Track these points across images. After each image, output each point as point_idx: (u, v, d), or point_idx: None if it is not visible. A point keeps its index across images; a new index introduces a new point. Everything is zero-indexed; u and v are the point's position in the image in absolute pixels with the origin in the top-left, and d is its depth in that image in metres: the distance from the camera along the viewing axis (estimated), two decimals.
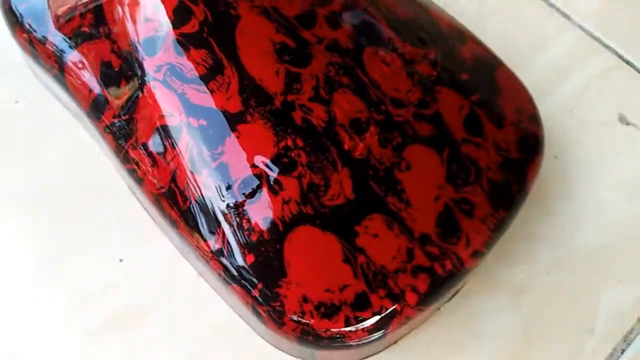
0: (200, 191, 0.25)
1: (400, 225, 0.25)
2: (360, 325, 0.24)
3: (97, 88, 0.28)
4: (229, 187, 0.25)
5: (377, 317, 0.24)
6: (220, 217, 0.25)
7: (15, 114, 0.35)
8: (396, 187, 0.25)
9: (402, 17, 0.29)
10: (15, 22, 0.32)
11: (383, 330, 0.24)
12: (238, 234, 0.25)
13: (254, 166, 0.25)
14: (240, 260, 0.24)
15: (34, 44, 0.31)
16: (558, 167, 0.33)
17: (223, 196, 0.25)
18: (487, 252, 0.26)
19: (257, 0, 0.27)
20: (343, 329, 0.24)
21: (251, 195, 0.25)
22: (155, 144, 0.26)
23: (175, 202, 0.26)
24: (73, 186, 0.33)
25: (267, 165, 0.25)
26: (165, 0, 0.27)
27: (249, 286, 0.24)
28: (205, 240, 0.25)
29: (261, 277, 0.24)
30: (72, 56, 0.29)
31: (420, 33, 0.29)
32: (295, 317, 0.24)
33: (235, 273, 0.24)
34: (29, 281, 0.31)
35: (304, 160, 0.25)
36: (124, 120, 0.27)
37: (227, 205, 0.25)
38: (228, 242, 0.25)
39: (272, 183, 0.25)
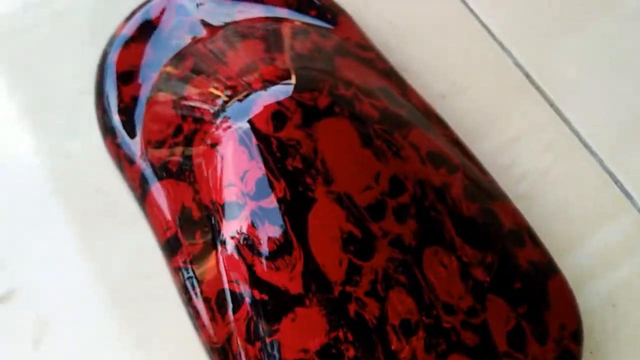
0: None
1: None
2: None
3: (173, 228, 0.31)
4: None
5: None
6: None
7: (91, 205, 0.38)
8: None
9: (466, 213, 0.30)
10: (107, 131, 0.35)
11: None
12: None
13: (304, 351, 0.27)
14: None
15: (121, 160, 0.34)
16: None
17: None
18: None
19: (334, 185, 0.29)
20: None
21: None
22: (218, 303, 0.28)
23: None
24: (129, 289, 0.35)
25: (316, 353, 0.27)
26: (250, 171, 0.29)
27: None
28: None
29: None
30: (155, 187, 0.32)
31: (481, 232, 0.30)
32: None
33: None
34: None
35: (351, 354, 0.27)
36: (192, 270, 0.29)
37: None
38: None
39: None
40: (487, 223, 0.30)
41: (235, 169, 0.29)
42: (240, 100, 0.31)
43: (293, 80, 0.31)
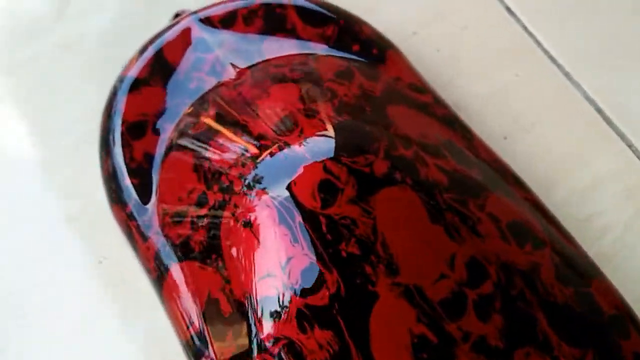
0: None
1: None
2: None
3: (197, 322, 0.25)
4: None
5: None
6: None
7: (97, 275, 0.32)
8: None
9: (560, 299, 0.24)
10: (115, 198, 0.29)
11: None
12: None
13: None
14: None
15: (132, 233, 0.28)
16: None
17: None
18: None
19: (400, 276, 0.23)
20: None
21: None
22: None
23: None
24: None
25: None
26: (294, 259, 0.23)
27: None
28: None
29: None
30: (175, 270, 0.26)
31: (579, 324, 0.24)
32: None
33: None
34: None
35: None
36: None
37: None
38: None
39: None
40: (584, 311, 0.25)
41: (275, 256, 0.23)
42: (275, 162, 0.25)
43: (340, 138, 0.25)
